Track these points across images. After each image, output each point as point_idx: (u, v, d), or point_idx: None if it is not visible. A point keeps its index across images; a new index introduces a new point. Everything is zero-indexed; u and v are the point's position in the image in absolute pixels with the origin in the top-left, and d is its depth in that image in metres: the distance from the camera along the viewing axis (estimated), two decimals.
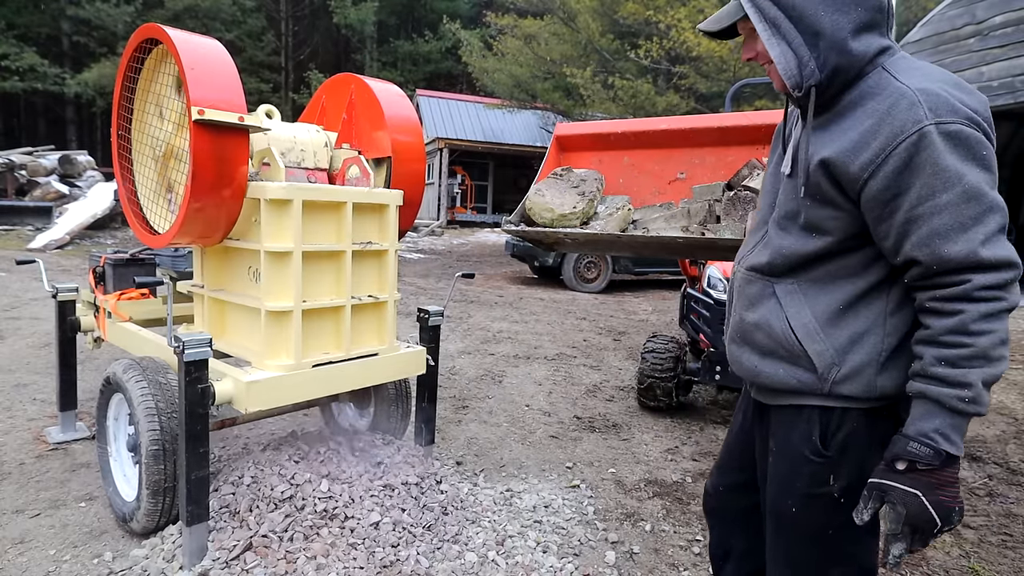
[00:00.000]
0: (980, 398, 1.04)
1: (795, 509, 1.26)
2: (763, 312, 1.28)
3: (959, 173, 1.05)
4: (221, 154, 2.03)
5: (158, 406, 2.13)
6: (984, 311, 1.03)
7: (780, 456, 1.30)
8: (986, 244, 1.04)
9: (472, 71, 18.10)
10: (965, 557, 2.49)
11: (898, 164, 1.07)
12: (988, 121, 1.11)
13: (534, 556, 2.29)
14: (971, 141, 1.07)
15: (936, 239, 1.05)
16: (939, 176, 1.05)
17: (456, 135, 19.95)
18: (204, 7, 23.24)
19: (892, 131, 1.07)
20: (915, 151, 1.05)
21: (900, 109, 1.07)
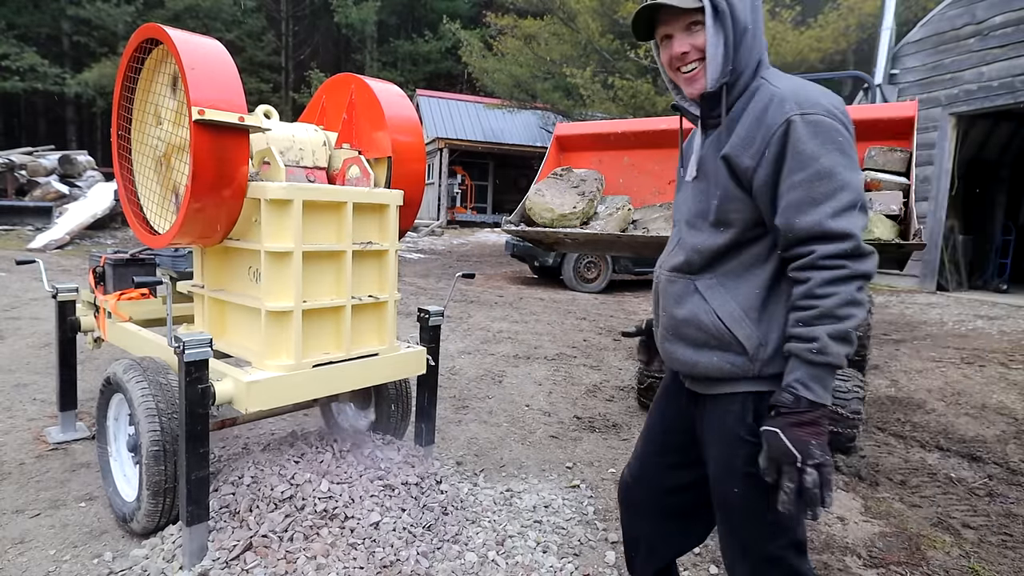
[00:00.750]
0: (826, 349, 1.17)
1: (737, 490, 1.35)
2: (690, 308, 1.38)
3: (815, 155, 1.20)
4: (221, 154, 2.03)
5: (159, 407, 2.13)
6: (828, 277, 1.17)
7: (719, 441, 1.39)
8: (833, 217, 1.18)
9: (472, 71, 18.11)
10: (965, 557, 2.49)
11: (774, 152, 1.24)
12: (845, 115, 1.26)
13: (534, 556, 2.30)
14: (829, 129, 1.22)
15: (791, 211, 1.21)
16: (798, 158, 1.21)
17: (456, 135, 19.95)
18: (205, 7, 23.25)
19: (769, 125, 1.24)
20: (785, 139, 1.22)
21: (774, 105, 1.25)
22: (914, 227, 1.99)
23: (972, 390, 4.68)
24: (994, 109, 9.07)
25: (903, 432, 3.82)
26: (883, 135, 2.40)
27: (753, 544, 1.38)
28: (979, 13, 9.03)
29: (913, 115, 2.33)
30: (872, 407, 4.23)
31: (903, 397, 4.50)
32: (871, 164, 2.32)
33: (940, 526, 2.73)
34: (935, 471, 3.29)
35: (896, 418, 4.06)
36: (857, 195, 1.21)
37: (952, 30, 9.44)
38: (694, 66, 1.36)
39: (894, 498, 2.99)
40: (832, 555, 2.46)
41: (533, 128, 20.79)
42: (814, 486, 1.17)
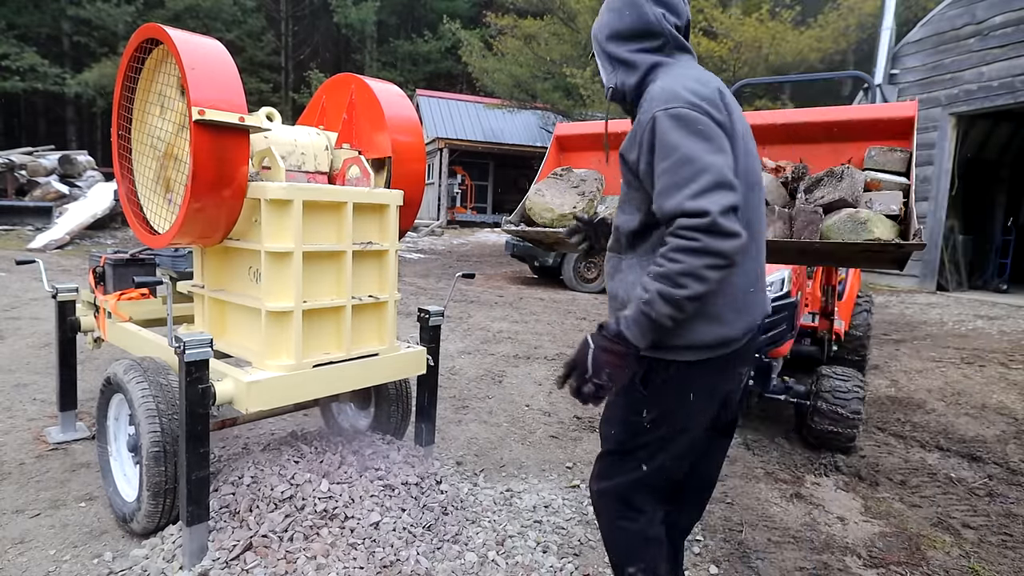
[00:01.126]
0: (652, 304, 1.31)
1: (613, 431, 1.61)
2: (616, 281, 1.57)
3: (677, 145, 1.32)
4: (221, 154, 2.03)
5: (159, 407, 2.13)
6: (678, 245, 1.29)
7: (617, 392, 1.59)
8: (693, 197, 1.28)
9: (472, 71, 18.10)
10: (965, 557, 2.49)
11: (647, 146, 1.39)
12: (712, 103, 1.38)
13: (534, 556, 2.30)
14: (689, 119, 1.34)
15: (660, 196, 1.35)
16: (664, 149, 1.34)
17: (456, 135, 19.95)
18: (205, 7, 23.23)
19: (641, 122, 1.41)
20: (652, 134, 1.37)
21: (646, 104, 1.42)
22: (914, 227, 1.99)
23: (972, 390, 4.68)
24: (994, 109, 9.07)
25: (903, 432, 3.82)
26: (883, 135, 2.39)
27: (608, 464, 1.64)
28: (979, 13, 9.03)
29: (913, 115, 2.32)
30: (872, 407, 4.23)
31: (903, 397, 4.50)
32: (871, 164, 2.32)
33: (940, 526, 2.73)
34: (935, 471, 3.29)
35: (896, 418, 4.07)
36: (717, 176, 1.29)
37: (952, 30, 9.44)
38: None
39: (894, 498, 2.99)
40: (832, 555, 2.46)
41: (533, 128, 20.78)
42: (588, 396, 1.41)
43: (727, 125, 1.39)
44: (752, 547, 2.50)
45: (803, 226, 2.14)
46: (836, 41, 13.14)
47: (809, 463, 3.34)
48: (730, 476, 3.15)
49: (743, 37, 12.58)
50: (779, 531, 2.63)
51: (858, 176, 2.19)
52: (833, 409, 3.31)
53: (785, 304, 3.51)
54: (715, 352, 1.46)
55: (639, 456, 1.56)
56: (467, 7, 29.87)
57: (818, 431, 3.39)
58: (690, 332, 1.42)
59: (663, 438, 1.54)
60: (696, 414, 1.55)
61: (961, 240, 10.27)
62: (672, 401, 1.51)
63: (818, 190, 2.24)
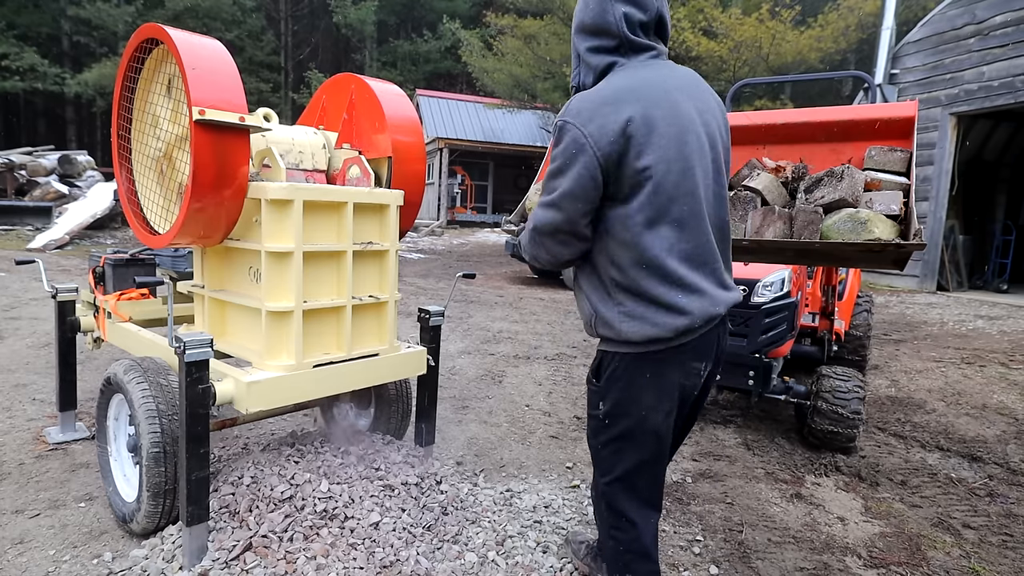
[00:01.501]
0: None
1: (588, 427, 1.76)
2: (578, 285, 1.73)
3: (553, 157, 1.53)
4: (222, 154, 2.03)
5: (159, 408, 2.12)
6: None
7: None
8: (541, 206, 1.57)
9: (472, 71, 18.11)
10: (965, 557, 2.49)
11: None
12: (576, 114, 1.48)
13: (534, 556, 2.29)
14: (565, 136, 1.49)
15: None
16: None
17: (456, 135, 19.95)
18: (204, 7, 23.22)
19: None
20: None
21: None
22: (914, 227, 1.99)
23: (972, 390, 4.68)
24: (994, 109, 9.06)
25: (903, 432, 3.82)
26: (883, 135, 2.39)
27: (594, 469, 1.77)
28: (979, 13, 9.03)
29: (913, 115, 2.32)
30: (872, 407, 4.23)
31: (903, 397, 4.50)
32: (871, 164, 2.32)
33: (940, 526, 2.73)
34: (935, 471, 3.29)
35: (896, 418, 4.06)
36: (557, 196, 1.51)
37: (952, 30, 9.44)
38: None
39: (894, 498, 2.99)
40: (832, 555, 2.46)
41: (533, 128, 20.78)
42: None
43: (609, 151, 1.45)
44: (752, 547, 2.49)
45: (803, 226, 2.14)
46: (836, 41, 13.14)
47: (809, 463, 3.34)
48: (730, 476, 3.15)
49: (743, 37, 12.58)
50: (779, 531, 2.63)
51: (858, 176, 2.19)
52: (833, 409, 3.31)
53: (785, 304, 3.51)
54: (651, 347, 1.55)
55: (605, 453, 1.68)
56: (467, 7, 29.86)
57: (818, 431, 3.39)
58: (616, 326, 1.56)
59: (623, 435, 1.62)
60: (649, 406, 1.59)
61: (961, 240, 10.27)
62: (619, 391, 1.60)
63: (818, 190, 2.23)
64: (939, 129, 9.61)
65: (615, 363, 1.60)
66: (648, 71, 1.54)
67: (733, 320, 3.56)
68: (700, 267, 1.54)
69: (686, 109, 1.51)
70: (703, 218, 1.52)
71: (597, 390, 1.65)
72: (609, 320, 1.57)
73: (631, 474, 1.64)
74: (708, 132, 1.56)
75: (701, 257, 1.53)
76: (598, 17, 1.56)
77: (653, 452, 1.63)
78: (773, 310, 3.49)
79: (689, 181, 1.48)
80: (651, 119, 1.44)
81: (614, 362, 1.60)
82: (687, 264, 1.51)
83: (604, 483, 1.69)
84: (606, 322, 1.58)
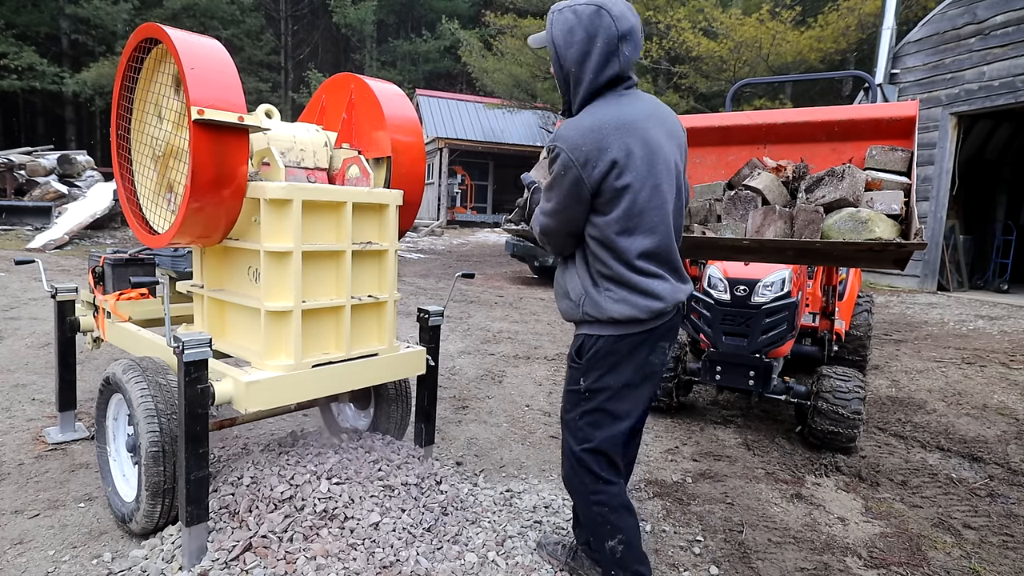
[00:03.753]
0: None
1: (563, 403, 1.98)
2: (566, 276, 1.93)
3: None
4: (221, 154, 2.02)
5: (158, 407, 2.12)
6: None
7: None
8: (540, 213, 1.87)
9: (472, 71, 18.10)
10: (966, 558, 2.48)
11: None
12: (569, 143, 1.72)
13: (534, 556, 2.29)
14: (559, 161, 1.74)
15: None
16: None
17: (456, 135, 19.94)
18: (202, 6, 23.18)
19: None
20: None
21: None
22: (915, 227, 1.98)
23: (973, 390, 4.67)
24: (995, 109, 9.05)
25: (904, 432, 3.82)
26: (884, 135, 2.39)
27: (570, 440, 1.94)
28: (980, 12, 9.02)
29: (914, 114, 2.32)
30: (873, 407, 4.23)
31: (904, 397, 4.50)
32: (871, 163, 2.31)
33: (941, 527, 2.73)
34: (936, 471, 3.29)
35: (897, 418, 4.06)
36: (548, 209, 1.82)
37: (953, 29, 9.43)
38: None
39: (895, 498, 2.99)
40: (832, 555, 2.46)
41: (533, 128, 20.77)
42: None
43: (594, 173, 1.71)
44: (752, 548, 2.49)
45: (804, 225, 2.13)
46: (836, 41, 13.13)
47: (810, 463, 3.34)
48: (730, 476, 3.14)
49: (743, 37, 12.57)
50: (779, 531, 2.63)
51: (859, 175, 2.18)
52: (834, 409, 3.31)
53: (785, 304, 3.50)
54: (630, 329, 1.81)
55: (583, 423, 1.90)
56: (466, 6, 29.85)
57: (819, 431, 3.39)
58: (603, 307, 1.80)
59: (605, 403, 1.86)
60: (625, 382, 1.85)
61: (962, 240, 10.26)
62: (604, 370, 1.84)
63: (819, 189, 2.23)
64: (940, 129, 9.61)
65: (598, 344, 1.84)
66: (627, 102, 1.78)
67: (734, 320, 3.55)
68: (666, 264, 1.84)
69: (656, 136, 1.78)
70: (669, 225, 1.82)
71: (579, 367, 1.89)
72: (597, 301, 1.81)
73: (605, 441, 1.89)
74: (673, 156, 1.84)
75: (667, 256, 1.84)
76: (603, 61, 1.75)
77: (625, 421, 1.89)
78: (773, 310, 3.49)
79: (658, 197, 1.77)
80: (629, 147, 1.71)
81: (597, 343, 1.84)
82: (656, 262, 1.81)
83: (581, 450, 1.89)
84: (595, 303, 1.81)
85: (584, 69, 1.77)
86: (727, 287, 3.58)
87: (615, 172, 1.70)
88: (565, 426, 1.96)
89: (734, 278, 3.57)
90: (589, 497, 1.92)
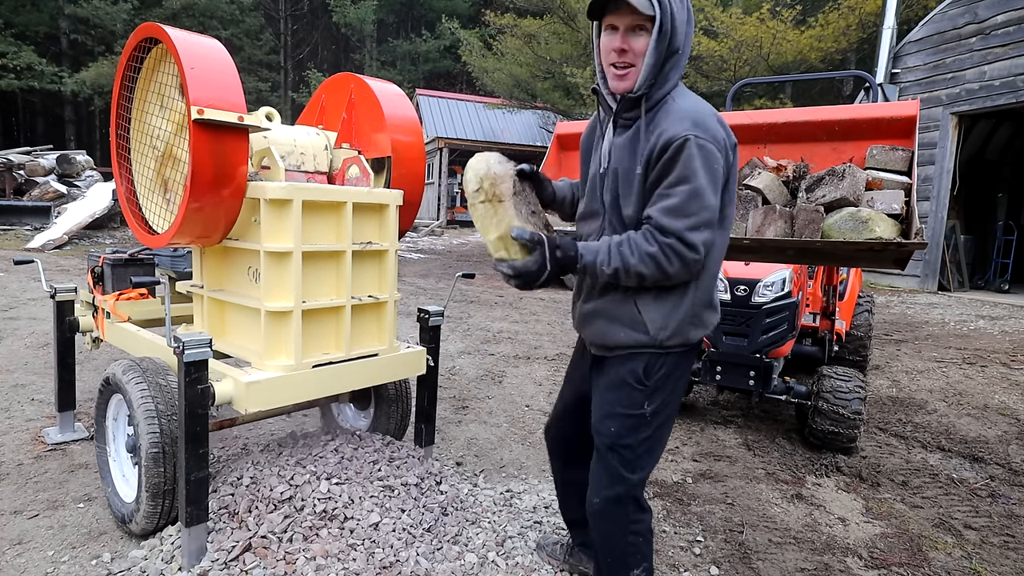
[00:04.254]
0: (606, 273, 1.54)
1: (613, 428, 1.70)
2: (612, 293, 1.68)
3: (695, 173, 1.46)
4: (221, 154, 2.02)
5: (158, 408, 2.12)
6: (655, 255, 1.49)
7: (609, 388, 1.72)
8: (692, 229, 1.47)
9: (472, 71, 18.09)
10: (967, 558, 2.48)
11: (669, 156, 1.49)
12: (729, 145, 1.55)
13: (534, 557, 2.29)
14: (712, 157, 1.49)
15: (666, 212, 1.49)
16: (684, 171, 1.47)
17: (456, 135, 19.93)
18: (202, 5, 23.18)
19: (670, 136, 1.49)
20: (678, 152, 1.48)
21: (678, 121, 1.51)
22: (915, 226, 1.98)
23: (974, 390, 4.67)
24: (996, 108, 9.05)
25: (904, 433, 3.81)
26: (884, 134, 2.39)
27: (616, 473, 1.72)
28: (981, 12, 9.02)
29: (915, 114, 2.31)
30: (873, 407, 4.22)
31: (904, 397, 4.49)
32: (872, 163, 2.31)
33: (942, 527, 2.73)
34: (936, 472, 3.28)
35: (897, 418, 4.06)
36: (712, 215, 1.50)
37: (953, 29, 9.42)
38: (627, 66, 1.55)
39: (895, 499, 2.98)
40: (833, 556, 2.45)
41: (533, 128, 20.76)
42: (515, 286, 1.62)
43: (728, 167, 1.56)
44: (753, 548, 2.49)
45: (804, 225, 2.13)
46: (837, 41, 13.12)
47: (810, 464, 3.33)
48: (730, 476, 3.14)
49: (743, 36, 12.56)
50: (780, 532, 2.62)
51: (859, 175, 2.18)
52: (834, 409, 3.30)
53: (786, 304, 3.50)
54: (692, 344, 1.70)
55: (642, 450, 1.70)
56: (466, 6, 29.84)
57: (819, 431, 3.38)
58: (685, 333, 1.64)
59: (660, 426, 1.71)
60: (679, 398, 1.77)
61: (963, 240, 10.26)
62: (667, 392, 1.69)
63: (819, 189, 2.23)
64: (940, 128, 9.60)
65: (667, 363, 1.66)
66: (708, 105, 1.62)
67: (734, 320, 3.55)
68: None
69: None
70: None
71: (644, 389, 1.67)
72: (685, 331, 1.64)
73: (652, 467, 1.76)
74: None
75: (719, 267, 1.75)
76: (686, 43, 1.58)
77: (667, 436, 1.78)
78: (774, 310, 3.48)
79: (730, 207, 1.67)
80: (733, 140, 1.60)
81: (666, 363, 1.66)
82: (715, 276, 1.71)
83: (636, 480, 1.72)
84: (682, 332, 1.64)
85: (687, 47, 1.59)
86: (727, 287, 3.58)
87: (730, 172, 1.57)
88: (614, 453, 1.71)
89: (734, 278, 3.57)
90: (629, 527, 1.75)
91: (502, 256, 1.57)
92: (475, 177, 1.59)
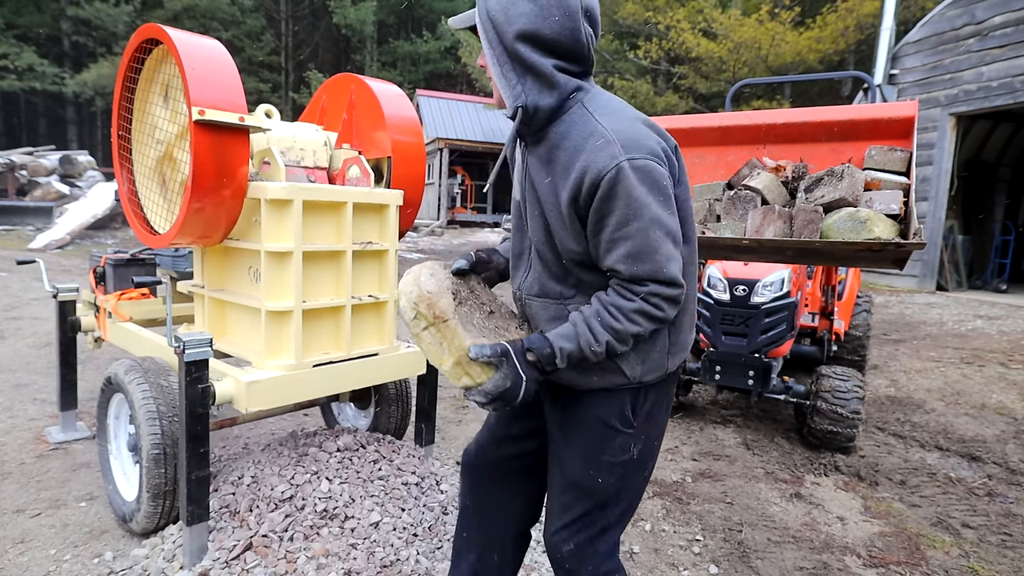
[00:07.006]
0: (598, 352, 1.29)
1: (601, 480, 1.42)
2: None
3: (645, 203, 1.22)
4: (221, 154, 2.03)
5: (159, 409, 2.13)
6: (642, 309, 1.26)
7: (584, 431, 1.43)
8: (663, 267, 1.24)
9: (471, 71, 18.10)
10: (964, 557, 2.49)
11: (603, 194, 1.22)
12: (669, 150, 1.32)
13: (533, 556, 2.29)
14: (655, 174, 1.23)
15: (630, 259, 1.24)
16: (630, 205, 1.21)
17: (456, 135, 19.94)
18: (203, 7, 23.21)
19: (598, 170, 1.22)
20: (613, 184, 1.21)
21: (598, 148, 1.23)
22: (914, 226, 1.99)
23: (972, 390, 4.68)
24: (993, 109, 9.06)
25: (903, 432, 3.82)
26: (883, 135, 2.40)
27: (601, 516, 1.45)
28: (979, 13, 9.03)
29: (913, 115, 2.33)
30: (872, 407, 4.23)
31: (903, 397, 4.50)
32: (871, 163, 2.32)
33: (940, 526, 2.74)
34: (935, 471, 3.29)
35: (896, 418, 4.07)
36: (676, 239, 1.27)
37: (952, 30, 9.44)
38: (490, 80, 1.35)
39: (894, 498, 2.99)
40: (832, 555, 2.46)
41: None
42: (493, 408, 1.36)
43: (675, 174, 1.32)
44: (752, 547, 2.50)
45: (803, 225, 2.14)
46: (835, 42, 13.14)
47: (809, 463, 3.34)
48: (730, 476, 3.15)
49: (742, 38, 12.59)
50: (779, 531, 2.63)
51: (858, 175, 2.19)
52: (833, 409, 3.31)
53: (785, 304, 3.51)
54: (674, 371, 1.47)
55: (627, 494, 1.46)
56: (466, 7, 29.86)
57: (818, 431, 3.39)
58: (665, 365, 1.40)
59: (644, 463, 1.46)
60: (663, 428, 1.52)
61: (961, 240, 10.27)
62: (654, 426, 1.46)
63: (818, 189, 2.24)
64: (938, 129, 9.62)
65: (650, 399, 1.43)
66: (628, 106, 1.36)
67: (733, 320, 3.56)
68: None
69: None
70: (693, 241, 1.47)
71: (631, 434, 1.41)
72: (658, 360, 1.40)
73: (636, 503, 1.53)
74: None
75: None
76: (568, 36, 1.25)
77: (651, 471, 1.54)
78: (773, 310, 3.50)
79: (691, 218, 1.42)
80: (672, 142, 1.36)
81: (648, 398, 1.42)
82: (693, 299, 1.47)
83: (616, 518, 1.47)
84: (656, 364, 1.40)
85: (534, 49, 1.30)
86: (726, 287, 3.59)
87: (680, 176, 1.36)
88: (598, 505, 1.44)
89: (733, 278, 3.58)
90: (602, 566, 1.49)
91: (467, 384, 1.31)
92: (408, 303, 1.36)
